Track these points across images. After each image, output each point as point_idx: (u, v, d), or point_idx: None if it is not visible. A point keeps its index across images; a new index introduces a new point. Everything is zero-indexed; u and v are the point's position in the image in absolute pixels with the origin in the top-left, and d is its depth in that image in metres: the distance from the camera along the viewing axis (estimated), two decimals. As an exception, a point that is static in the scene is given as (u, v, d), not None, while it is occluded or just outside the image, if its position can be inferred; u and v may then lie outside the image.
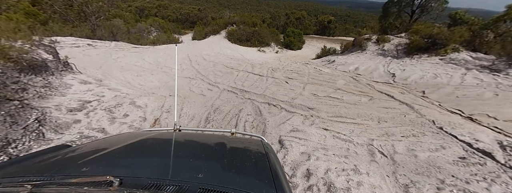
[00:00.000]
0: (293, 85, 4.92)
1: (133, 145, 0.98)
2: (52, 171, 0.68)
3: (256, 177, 0.75)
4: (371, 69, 7.19)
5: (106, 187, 0.55)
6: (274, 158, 0.92)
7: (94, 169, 0.70)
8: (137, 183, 0.60)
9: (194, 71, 5.85)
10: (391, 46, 9.37)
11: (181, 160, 0.84)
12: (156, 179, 0.63)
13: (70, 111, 2.51)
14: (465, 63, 6.79)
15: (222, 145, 1.03)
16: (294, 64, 8.11)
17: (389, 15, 11.23)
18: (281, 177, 0.74)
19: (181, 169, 0.74)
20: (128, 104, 3.07)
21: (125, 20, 12.56)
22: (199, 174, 0.67)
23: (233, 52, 11.38)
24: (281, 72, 6.39)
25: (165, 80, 4.77)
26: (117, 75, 4.37)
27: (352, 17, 45.76)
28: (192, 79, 4.95)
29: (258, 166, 0.82)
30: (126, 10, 21.50)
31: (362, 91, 4.82)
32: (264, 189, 0.65)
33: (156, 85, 4.33)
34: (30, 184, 0.54)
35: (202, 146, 1.07)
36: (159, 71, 5.33)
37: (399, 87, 5.53)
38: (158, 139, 1.13)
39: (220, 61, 7.65)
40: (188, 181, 0.62)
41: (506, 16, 7.22)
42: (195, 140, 1.17)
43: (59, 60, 3.30)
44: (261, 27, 15.72)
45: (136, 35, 10.75)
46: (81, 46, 5.88)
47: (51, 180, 0.60)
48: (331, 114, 3.27)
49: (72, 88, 2.99)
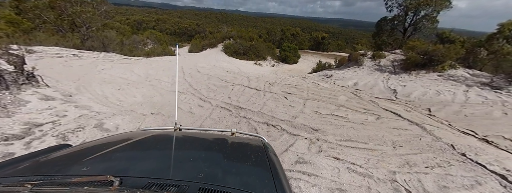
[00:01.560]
0: (292, 101, 4.49)
1: (133, 144, 0.96)
2: (53, 171, 0.67)
3: (256, 177, 0.73)
4: (371, 84, 6.91)
5: (106, 187, 0.54)
6: (274, 158, 0.90)
7: (95, 168, 0.68)
8: (137, 182, 0.58)
9: (186, 84, 5.39)
10: (387, 61, 9.29)
11: (181, 159, 0.83)
12: (157, 178, 0.61)
13: (5, 140, 1.89)
14: (464, 80, 6.62)
15: (223, 145, 1.01)
16: (292, 78, 7.79)
17: (383, 32, 11.41)
18: (281, 177, 0.72)
19: (181, 168, 0.73)
20: (93, 127, 2.46)
21: (120, 32, 12.27)
22: (199, 174, 0.66)
23: (230, 65, 11.09)
24: (279, 86, 6.00)
25: (150, 94, 4.23)
26: (95, 89, 3.83)
27: (344, 34, 47.66)
28: (182, 94, 4.44)
29: (259, 166, 0.81)
30: (123, 23, 21.54)
31: (366, 108, 4.42)
32: (264, 189, 0.63)
33: (138, 101, 3.77)
34: (30, 184, 0.53)
35: (203, 146, 1.05)
36: (146, 84, 4.81)
37: (403, 104, 5.18)
38: (158, 139, 1.10)
39: (215, 74, 7.25)
40: (188, 181, 0.61)
41: (498, 34, 7.28)
42: (195, 140, 1.15)
43: (22, 72, 2.76)
44: (257, 41, 15.77)
45: (130, 47, 10.39)
46: (65, 57, 5.38)
47: (52, 179, 0.59)
48: (339, 136, 2.79)
49: (27, 106, 2.41)
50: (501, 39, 7.27)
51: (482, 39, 8.13)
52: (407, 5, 9.76)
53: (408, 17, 10.24)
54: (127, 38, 11.32)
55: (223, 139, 1.10)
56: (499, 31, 7.22)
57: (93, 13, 7.44)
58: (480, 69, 7.74)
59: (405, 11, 9.96)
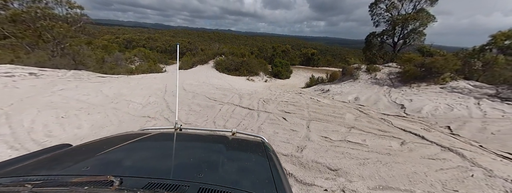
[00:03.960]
0: (293, 123, 3.62)
1: (133, 144, 0.92)
2: (53, 171, 0.65)
3: (256, 177, 0.71)
4: (373, 99, 6.24)
5: (106, 186, 0.52)
6: (274, 158, 0.88)
7: (95, 168, 0.67)
8: (138, 182, 0.57)
9: (162, 105, 4.43)
10: (383, 75, 8.88)
11: (181, 159, 0.81)
12: (157, 178, 0.60)
13: None
14: (469, 92, 6.12)
15: (223, 145, 0.98)
16: (287, 94, 7.03)
17: (372, 46, 11.27)
18: (281, 177, 0.71)
19: (181, 168, 0.72)
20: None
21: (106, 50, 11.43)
22: (199, 174, 0.65)
23: (221, 81, 10.30)
24: (275, 104, 5.17)
25: (102, 124, 3.13)
26: (24, 117, 2.78)
27: (330, 51, 49.36)
28: (151, 119, 3.41)
29: (259, 166, 0.79)
30: (112, 41, 20.86)
31: (382, 129, 3.61)
32: (264, 189, 0.62)
33: (81, 135, 2.68)
34: (30, 184, 0.52)
35: (203, 145, 1.03)
36: (107, 107, 3.77)
37: (417, 122, 4.44)
38: (159, 139, 1.07)
39: (203, 92, 6.37)
40: (188, 181, 0.60)
41: (491, 45, 7.10)
42: (196, 140, 1.13)
43: None
44: (249, 57, 15.36)
45: (110, 64, 9.46)
46: (16, 76, 4.37)
47: (52, 179, 0.58)
48: (370, 181, 1.90)
49: None
50: (494, 49, 7.07)
51: (474, 49, 7.95)
52: (394, 20, 9.77)
53: (396, 31, 10.19)
54: (110, 56, 10.44)
55: (224, 139, 1.07)
56: (490, 42, 7.03)
57: (66, 28, 6.61)
58: (476, 80, 7.40)
59: (392, 26, 9.93)
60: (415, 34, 9.54)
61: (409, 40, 9.72)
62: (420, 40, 9.81)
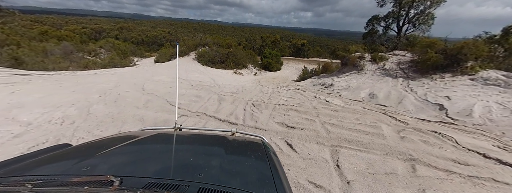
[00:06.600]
0: (308, 158, 1.96)
1: (133, 144, 0.90)
2: (53, 171, 0.63)
3: (256, 177, 0.69)
4: (394, 96, 4.72)
5: (106, 186, 0.50)
6: (274, 158, 0.86)
7: (95, 168, 0.65)
8: (138, 182, 0.55)
9: (78, 121, 2.60)
10: (392, 64, 7.42)
11: (181, 159, 0.79)
12: (157, 178, 0.59)
13: None
14: (508, 85, 4.79)
15: (223, 144, 0.97)
16: (283, 91, 5.34)
17: (374, 31, 9.71)
18: (281, 177, 0.69)
19: (181, 168, 0.70)
20: None
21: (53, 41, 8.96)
22: (199, 174, 0.63)
23: (202, 76, 8.38)
24: (269, 111, 3.46)
25: None
26: None
27: (318, 42, 47.59)
28: None
29: (259, 166, 0.77)
30: (77, 32, 17.66)
31: (458, 160, 2.06)
32: (264, 189, 0.60)
33: None
34: (30, 184, 0.50)
35: (203, 145, 0.99)
36: None
37: (480, 134, 2.95)
38: (158, 138, 1.03)
39: (169, 92, 4.51)
40: (188, 181, 0.59)
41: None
42: (195, 140, 1.08)
43: None
44: (236, 48, 13.33)
45: (55, 58, 7.14)
46: None
47: (52, 179, 0.56)
48: None
49: None
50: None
51: (495, 34, 6.64)
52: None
53: (401, 14, 8.65)
54: (57, 47, 8.01)
55: (223, 139, 1.05)
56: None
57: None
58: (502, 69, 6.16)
59: (399, 7, 8.37)
60: (425, 16, 8.08)
61: (420, 22, 8.22)
62: (428, 24, 8.39)
